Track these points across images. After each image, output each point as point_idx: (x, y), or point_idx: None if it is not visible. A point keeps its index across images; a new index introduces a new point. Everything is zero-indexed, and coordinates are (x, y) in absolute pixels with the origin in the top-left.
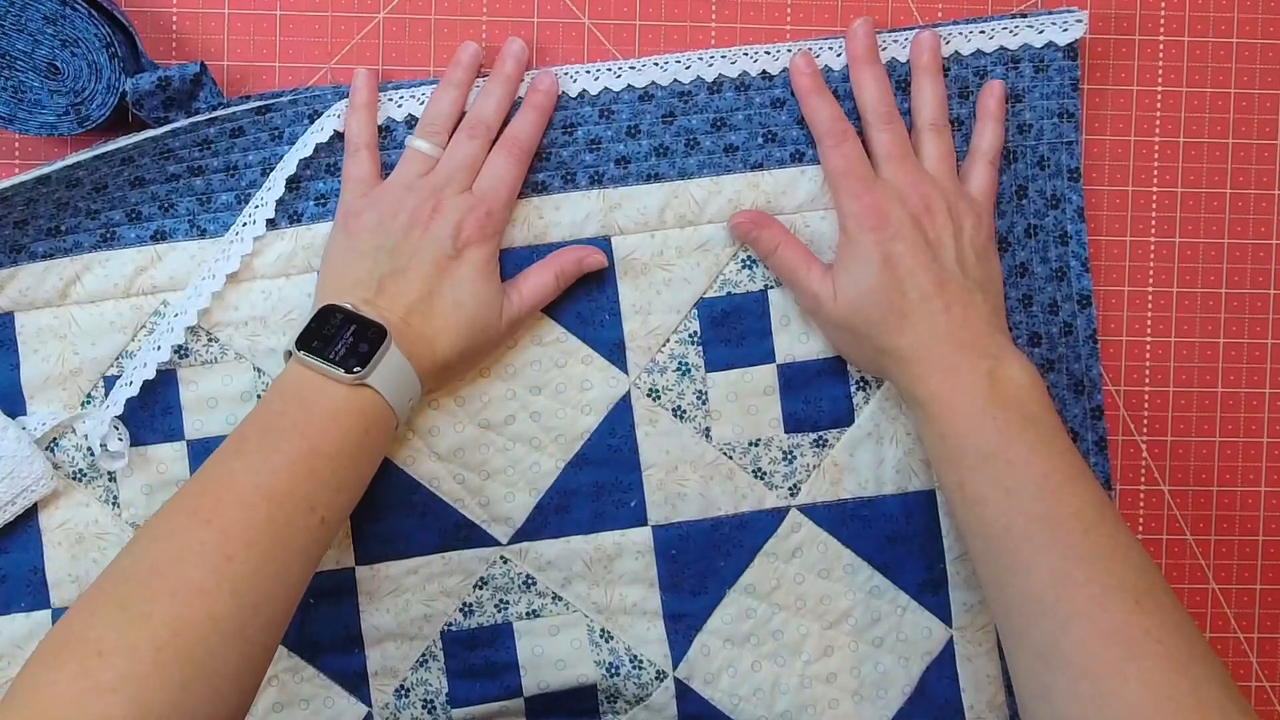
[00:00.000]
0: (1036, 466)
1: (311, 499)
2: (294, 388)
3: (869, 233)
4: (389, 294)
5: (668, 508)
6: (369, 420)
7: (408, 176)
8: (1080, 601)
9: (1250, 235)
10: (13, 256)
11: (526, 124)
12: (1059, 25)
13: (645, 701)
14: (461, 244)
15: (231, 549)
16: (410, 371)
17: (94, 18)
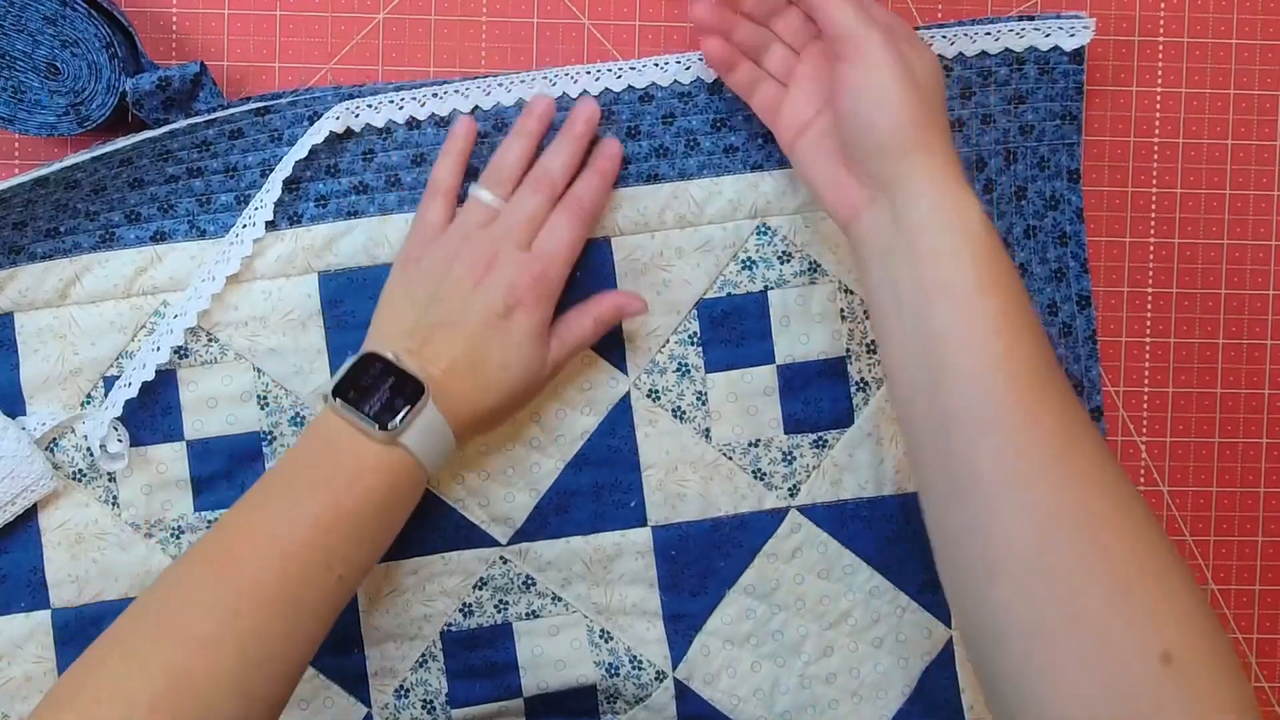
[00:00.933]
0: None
1: (329, 556)
2: (325, 438)
3: (896, 45)
4: (434, 346)
5: (667, 508)
6: (397, 477)
7: (467, 226)
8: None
9: (1250, 236)
10: (12, 258)
11: (591, 187)
12: (1066, 30)
13: (645, 702)
14: (513, 304)
15: (240, 604)
16: (446, 430)
17: (94, 18)
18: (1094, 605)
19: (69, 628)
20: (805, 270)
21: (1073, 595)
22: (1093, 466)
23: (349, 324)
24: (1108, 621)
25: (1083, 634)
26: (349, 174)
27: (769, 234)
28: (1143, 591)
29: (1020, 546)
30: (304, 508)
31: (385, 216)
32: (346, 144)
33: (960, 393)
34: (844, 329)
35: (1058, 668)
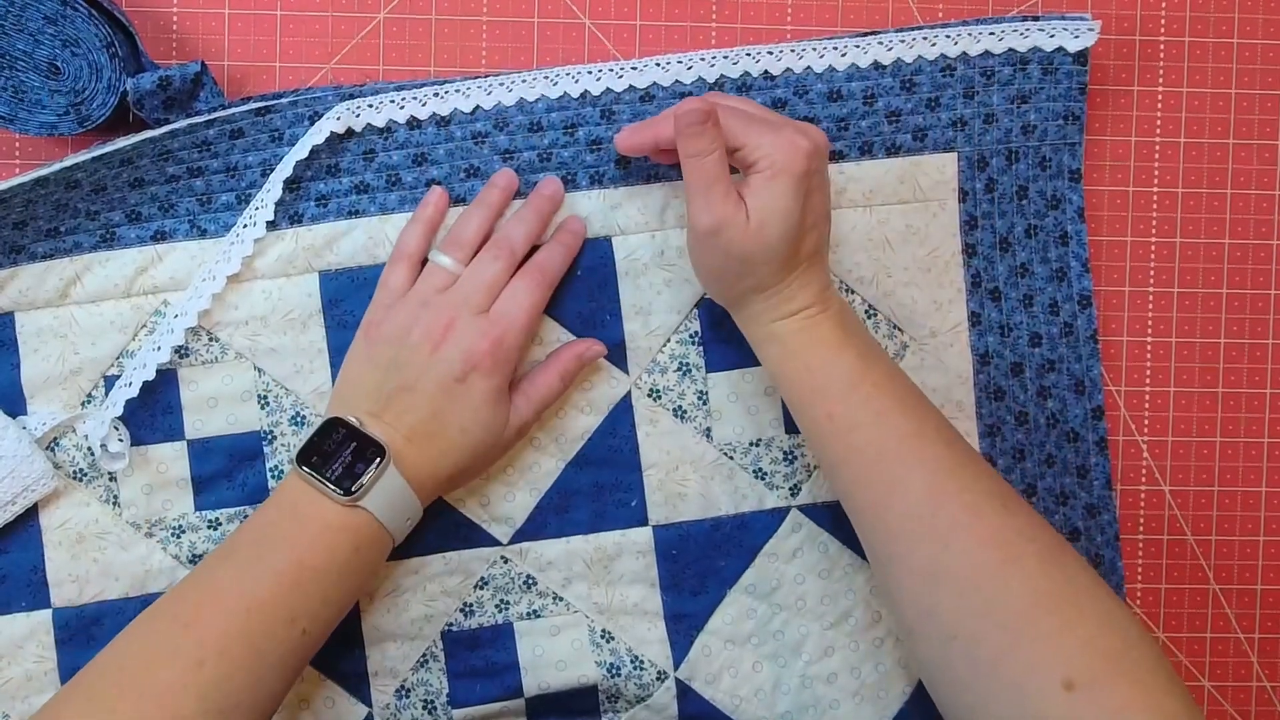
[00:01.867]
0: (897, 388)
1: (293, 611)
2: (291, 499)
3: (801, 163)
4: (395, 410)
5: (668, 508)
6: (360, 539)
7: (426, 292)
8: (956, 511)
9: (1250, 235)
10: (12, 257)
11: (554, 256)
12: (1070, 31)
13: (646, 702)
14: (469, 369)
15: (204, 655)
16: (408, 494)
17: (94, 18)
18: (993, 648)
19: (69, 627)
20: None
21: (973, 644)
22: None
23: (349, 323)
24: (1006, 660)
25: (989, 675)
26: (350, 173)
27: None
28: (1040, 624)
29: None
30: (268, 564)
31: (386, 216)
32: (347, 144)
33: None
34: None
35: (975, 711)
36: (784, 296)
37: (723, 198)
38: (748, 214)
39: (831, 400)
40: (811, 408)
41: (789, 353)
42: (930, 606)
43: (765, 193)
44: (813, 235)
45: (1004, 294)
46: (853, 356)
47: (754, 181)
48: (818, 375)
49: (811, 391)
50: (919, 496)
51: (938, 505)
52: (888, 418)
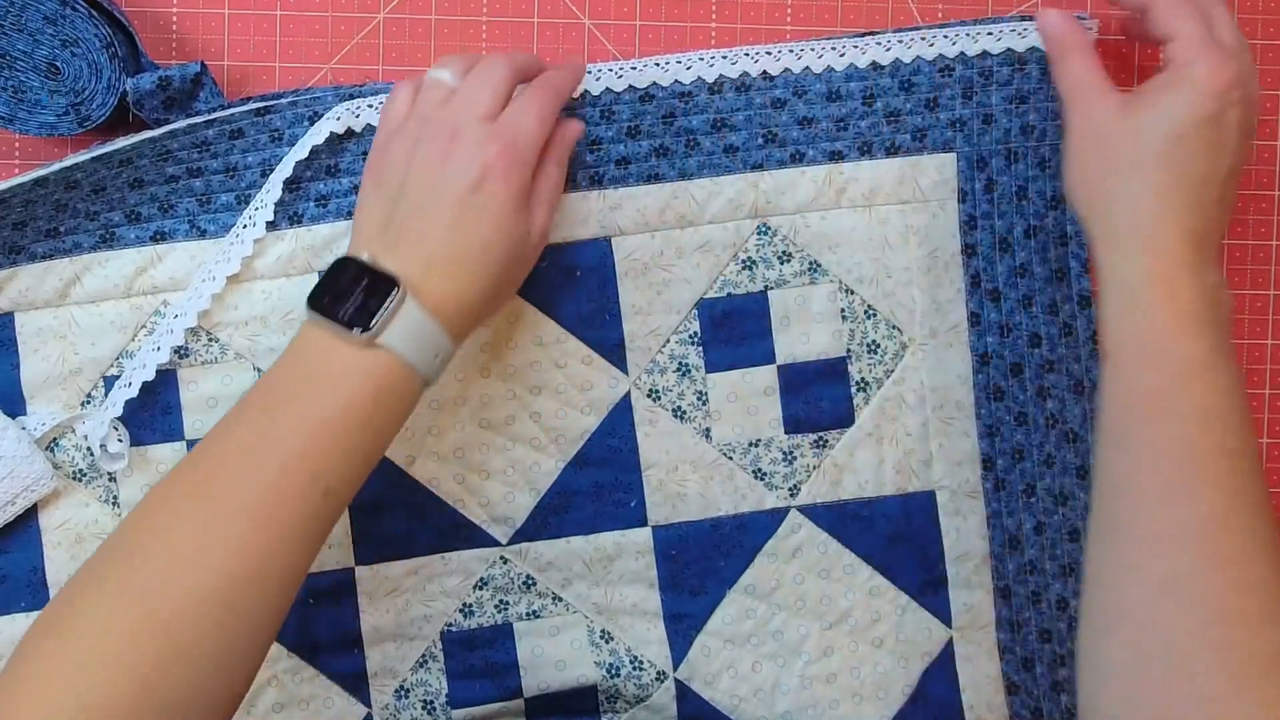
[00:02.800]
0: (1235, 400)
1: (313, 470)
2: (303, 350)
3: (1219, 85)
4: (409, 239)
5: (668, 508)
6: (382, 383)
7: (426, 108)
8: (1233, 546)
9: (1250, 235)
10: (12, 258)
11: (562, 72)
12: None
13: (645, 702)
14: (483, 175)
15: (219, 524)
16: (433, 326)
17: (94, 18)
18: (1209, 688)
19: None
20: (805, 270)
21: (1185, 669)
22: (1237, 559)
23: None
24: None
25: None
26: (349, 174)
27: (769, 234)
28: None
29: (1141, 610)
30: (282, 421)
31: None
32: (347, 144)
33: (1109, 457)
34: (844, 329)
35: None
36: (1156, 231)
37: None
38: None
39: (1165, 375)
40: (1135, 370)
41: (1133, 298)
42: (1155, 617)
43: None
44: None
45: (1003, 294)
46: (1207, 346)
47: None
48: (1161, 339)
49: (1145, 352)
50: (1203, 514)
51: (1216, 531)
52: (1214, 424)
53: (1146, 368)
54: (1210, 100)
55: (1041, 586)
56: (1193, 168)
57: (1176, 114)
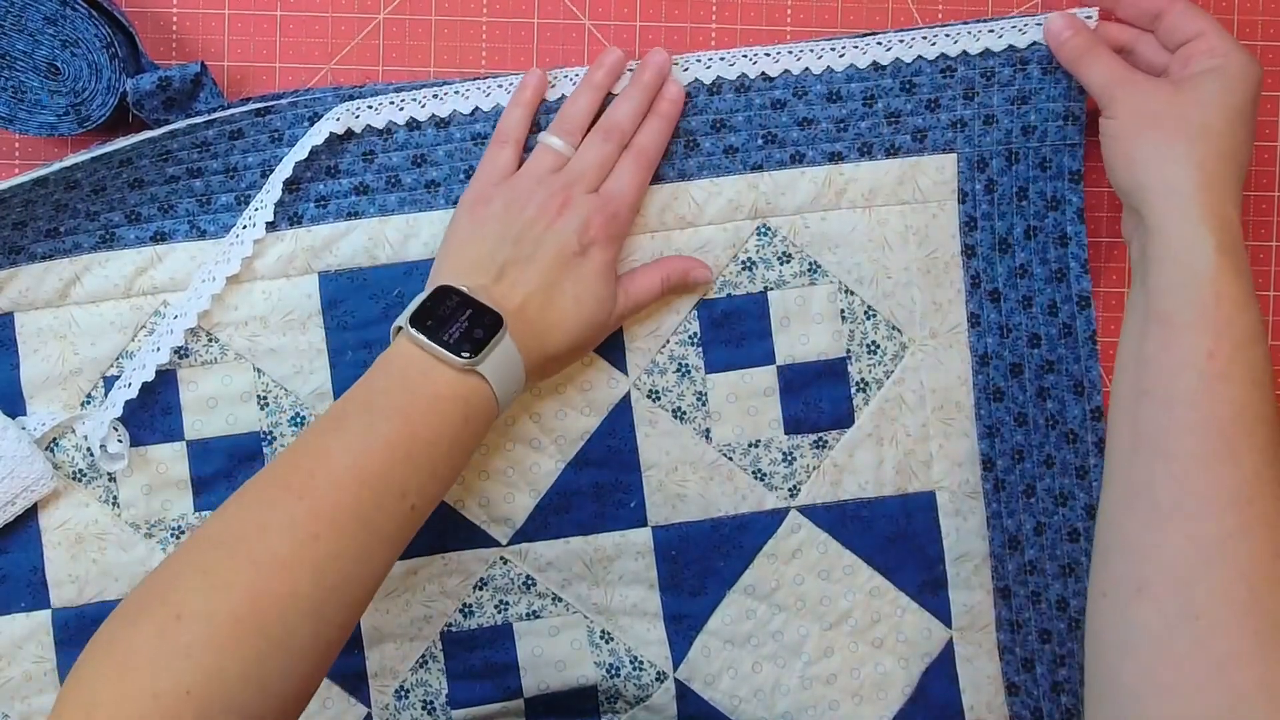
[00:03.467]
0: (1271, 371)
1: (404, 484)
2: (400, 367)
3: (1256, 74)
4: (508, 281)
5: (668, 509)
6: (471, 408)
7: (539, 170)
8: (1268, 509)
9: (1250, 236)
10: (12, 258)
11: (654, 133)
12: None
13: (645, 702)
14: (587, 241)
15: (319, 528)
16: (520, 363)
17: (94, 18)
18: (1230, 648)
19: (69, 628)
20: (805, 270)
21: (1211, 632)
22: (1271, 523)
23: (349, 324)
24: (1237, 664)
25: (1209, 668)
26: (349, 175)
27: (769, 234)
28: (1277, 652)
29: (1174, 572)
30: (380, 434)
31: (385, 217)
32: (347, 145)
33: (1151, 418)
34: (844, 329)
35: (1176, 691)
36: (1220, 203)
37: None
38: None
39: (1223, 341)
40: (1196, 334)
41: (1196, 267)
42: (1190, 579)
43: (1208, 70)
44: (1245, 162)
45: (1003, 295)
46: (1256, 317)
47: (1193, 70)
48: (1225, 307)
49: (1207, 321)
50: (1245, 477)
51: (1256, 494)
52: (1262, 391)
53: (1207, 332)
54: (1250, 88)
55: (1041, 587)
56: (1236, 150)
57: (1224, 99)
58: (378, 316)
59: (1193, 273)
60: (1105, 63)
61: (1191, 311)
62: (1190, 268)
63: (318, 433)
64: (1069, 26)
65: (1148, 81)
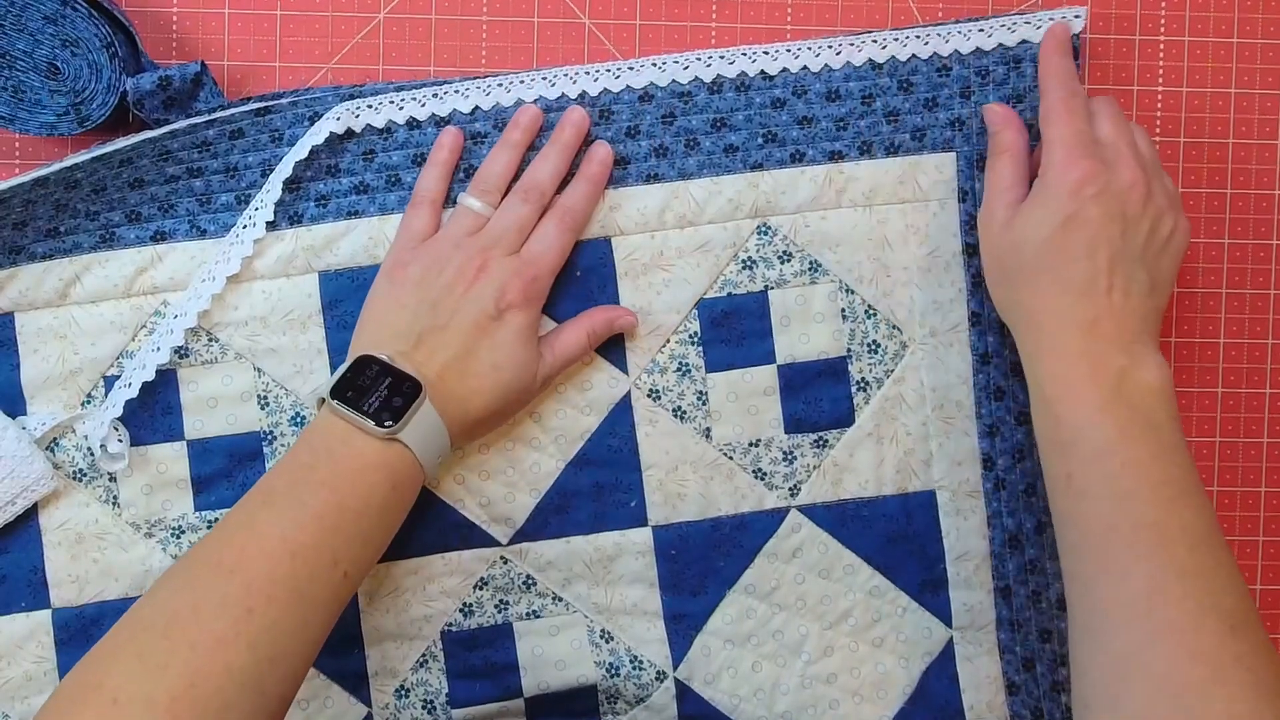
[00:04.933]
0: (1153, 473)
1: (335, 553)
2: (323, 439)
3: (1070, 185)
4: (427, 348)
5: (668, 508)
6: (397, 476)
7: (457, 233)
8: (1174, 615)
9: (1250, 235)
10: (12, 258)
11: (580, 195)
12: (1057, 22)
13: (645, 702)
14: (504, 306)
15: (252, 602)
16: (442, 429)
17: (94, 18)
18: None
19: (69, 628)
20: (805, 270)
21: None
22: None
23: (349, 324)
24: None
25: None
26: (349, 174)
27: (769, 234)
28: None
29: (1105, 689)
30: (309, 508)
31: (386, 216)
32: (347, 144)
33: (1057, 538)
34: (844, 329)
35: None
36: (1050, 332)
37: (997, 194)
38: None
39: (1073, 461)
40: (1051, 461)
41: (1043, 398)
42: (1117, 696)
43: (1033, 196)
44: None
45: None
46: (1112, 427)
47: (1034, 186)
48: (1065, 430)
49: (1054, 445)
50: (1138, 589)
51: (1154, 604)
52: (1129, 501)
53: (1059, 457)
54: (1066, 202)
55: (1042, 586)
56: (1070, 267)
57: (1042, 221)
58: None
59: (1037, 403)
60: (994, 169)
61: (1044, 440)
62: (1036, 400)
63: (246, 510)
64: (998, 119)
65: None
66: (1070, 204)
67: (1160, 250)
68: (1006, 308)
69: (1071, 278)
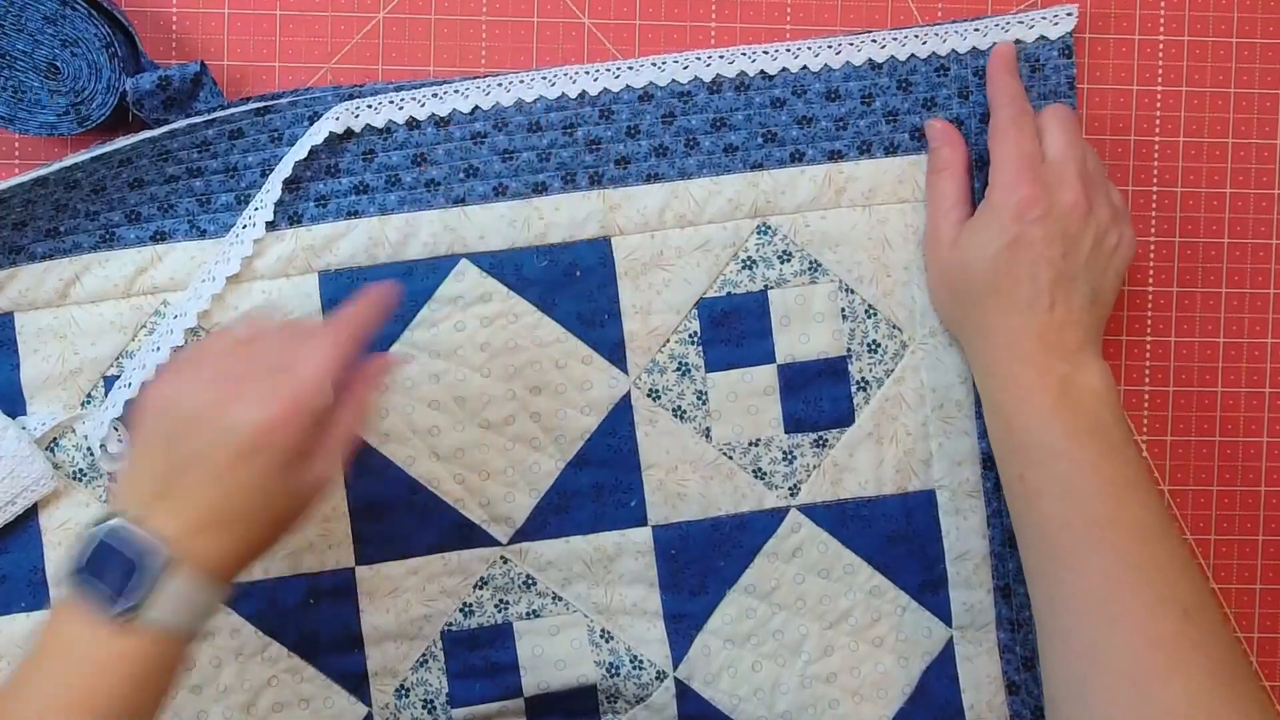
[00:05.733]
0: (1103, 470)
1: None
2: (58, 628)
3: (1013, 209)
4: (182, 492)
5: (668, 508)
6: (148, 660)
7: (218, 349)
8: (1131, 605)
9: (1250, 235)
10: (11, 258)
11: (359, 308)
12: (1050, 20)
13: (645, 702)
14: (265, 433)
15: None
16: (199, 589)
17: (94, 18)
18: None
19: None
20: (805, 270)
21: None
22: (1136, 616)
23: None
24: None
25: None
26: (349, 174)
27: (769, 233)
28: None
29: (1070, 686)
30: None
31: (385, 216)
32: (347, 144)
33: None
34: (844, 329)
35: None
36: (998, 346)
37: (941, 213)
38: (958, 237)
39: (1025, 463)
40: (1005, 464)
41: (994, 405)
42: (1084, 691)
43: (978, 217)
44: (1032, 293)
45: None
46: (1059, 429)
47: (980, 206)
48: (1016, 435)
49: (1007, 449)
50: (1094, 582)
51: (1111, 593)
52: (1079, 498)
53: (1012, 460)
54: (1009, 224)
55: None
56: (1016, 288)
57: (986, 244)
58: None
59: (991, 412)
60: (934, 186)
61: (999, 446)
62: (989, 408)
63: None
64: (939, 136)
65: (947, 228)
66: (1013, 227)
67: (1105, 265)
68: (955, 324)
69: (1017, 297)
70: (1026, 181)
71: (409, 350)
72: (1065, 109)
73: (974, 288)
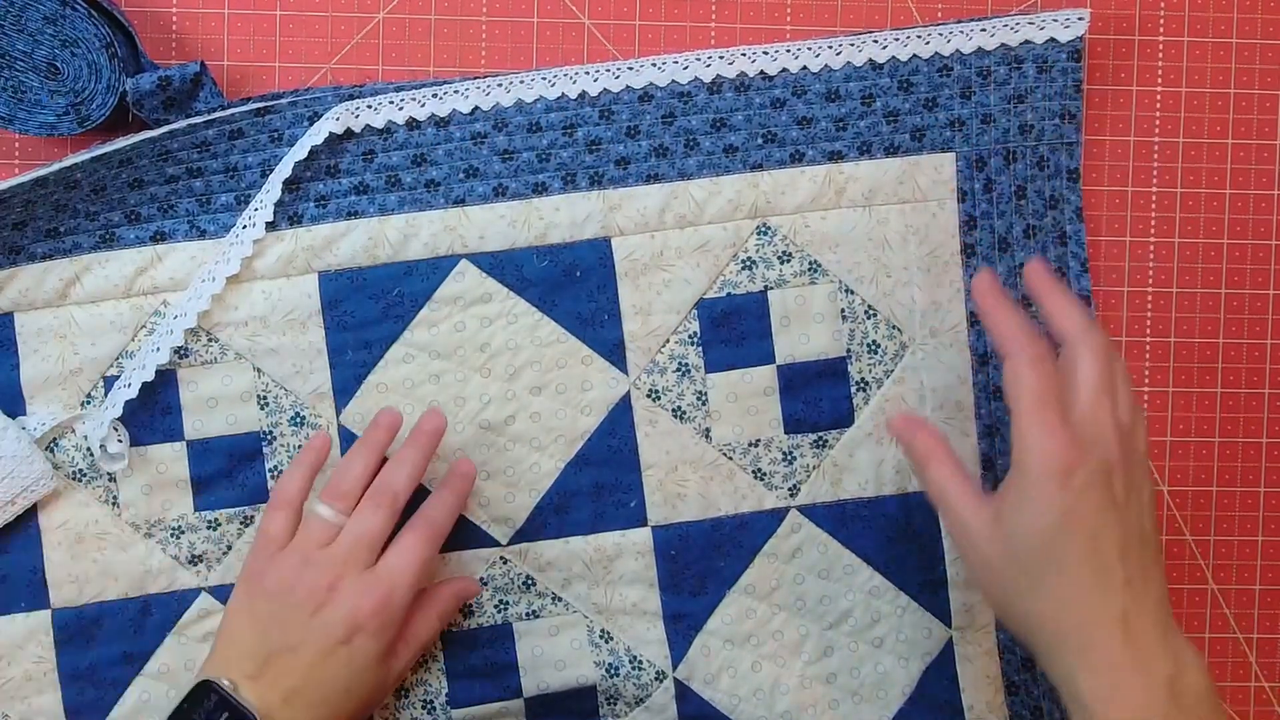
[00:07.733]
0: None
1: None
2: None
3: (1056, 478)
4: (274, 671)
5: (667, 508)
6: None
7: (307, 547)
8: None
9: (1250, 235)
10: (11, 258)
11: (442, 505)
12: (1060, 22)
13: (645, 702)
14: (354, 630)
15: None
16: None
17: (94, 18)
18: None
19: (69, 628)
20: (805, 270)
21: None
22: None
23: (349, 324)
24: None
25: None
26: (349, 174)
27: (769, 234)
28: None
29: None
30: None
31: (385, 217)
32: (347, 144)
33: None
34: (844, 329)
35: None
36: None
37: (956, 503)
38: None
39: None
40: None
41: (1086, 714)
42: None
43: (1012, 493)
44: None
45: None
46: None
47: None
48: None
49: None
50: None
51: None
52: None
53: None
54: (1056, 496)
55: None
56: (1080, 564)
57: (1036, 520)
58: (377, 316)
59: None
60: (934, 481)
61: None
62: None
63: None
64: (905, 430)
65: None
66: (1061, 498)
67: (1148, 519)
68: (1011, 616)
69: (1083, 575)
70: (1061, 442)
71: (409, 350)
72: (1098, 335)
73: (1026, 570)
